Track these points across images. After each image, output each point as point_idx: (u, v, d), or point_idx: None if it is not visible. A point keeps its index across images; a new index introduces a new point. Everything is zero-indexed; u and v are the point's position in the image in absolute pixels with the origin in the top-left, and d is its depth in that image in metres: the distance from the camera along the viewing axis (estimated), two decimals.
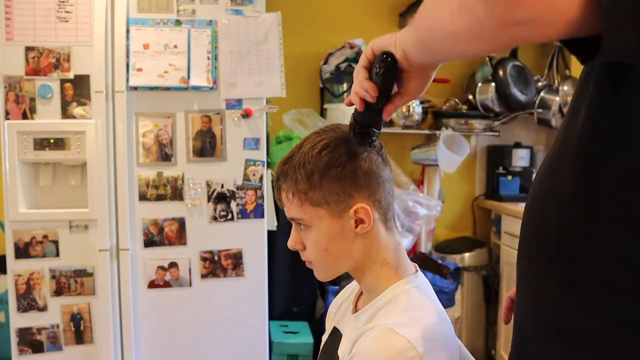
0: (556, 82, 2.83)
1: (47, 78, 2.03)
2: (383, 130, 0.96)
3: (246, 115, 2.11)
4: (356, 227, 0.92)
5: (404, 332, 0.84)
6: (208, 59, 2.08)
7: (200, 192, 2.11)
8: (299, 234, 0.97)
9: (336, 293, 2.32)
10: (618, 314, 0.55)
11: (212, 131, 2.11)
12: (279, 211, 2.37)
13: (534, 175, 2.88)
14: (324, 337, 1.10)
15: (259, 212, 2.15)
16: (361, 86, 0.84)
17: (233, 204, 2.13)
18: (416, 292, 0.92)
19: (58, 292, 2.07)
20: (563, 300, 0.60)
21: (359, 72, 0.85)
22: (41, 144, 2.03)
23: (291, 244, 0.99)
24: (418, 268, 0.99)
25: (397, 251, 0.97)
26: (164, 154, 2.09)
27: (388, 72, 0.82)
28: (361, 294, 1.03)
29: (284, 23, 2.14)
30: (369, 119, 0.89)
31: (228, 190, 2.12)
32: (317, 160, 0.90)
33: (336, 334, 1.03)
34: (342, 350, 0.96)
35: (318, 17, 2.86)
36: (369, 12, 2.90)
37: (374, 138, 0.91)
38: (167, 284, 2.12)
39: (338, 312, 1.08)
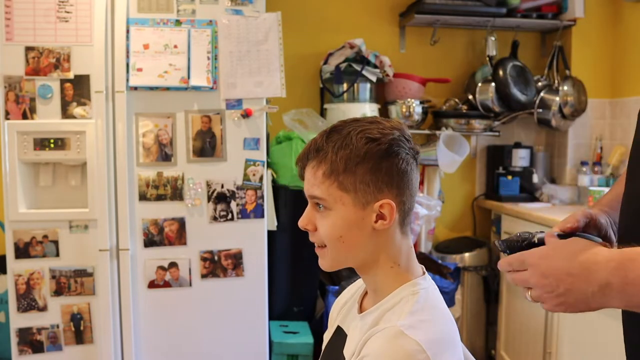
0: (556, 82, 2.83)
1: (47, 78, 2.02)
2: None
3: (246, 115, 2.11)
4: (376, 222, 0.91)
5: (414, 334, 0.84)
6: (208, 59, 2.08)
7: (200, 192, 2.11)
8: (313, 214, 0.95)
9: (336, 293, 2.32)
10: None
11: (212, 131, 2.11)
12: (279, 211, 2.38)
13: (534, 176, 2.89)
14: (326, 336, 1.10)
15: (259, 212, 2.15)
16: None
17: (233, 204, 2.13)
18: (424, 294, 0.92)
19: (58, 292, 2.07)
20: None
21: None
22: (41, 144, 2.03)
23: (303, 222, 0.95)
24: (425, 270, 0.99)
25: (409, 254, 0.97)
26: (164, 154, 2.09)
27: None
28: (366, 293, 1.03)
29: (284, 23, 2.14)
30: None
31: (228, 190, 2.12)
32: (359, 146, 0.90)
33: (340, 334, 1.03)
34: (348, 351, 0.96)
35: (318, 17, 2.86)
36: (369, 12, 2.90)
37: None
38: (167, 284, 2.12)
39: (342, 311, 1.08)
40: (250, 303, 2.17)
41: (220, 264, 2.14)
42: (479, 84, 2.79)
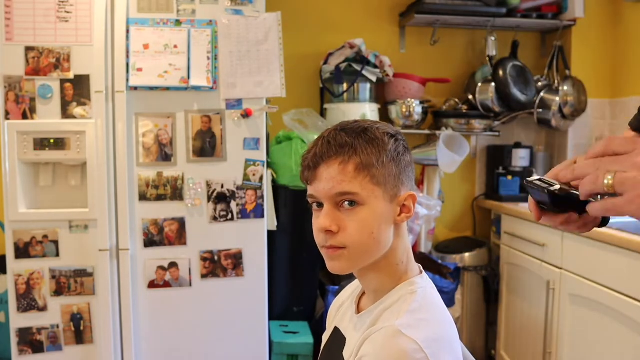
0: (556, 82, 2.83)
1: (47, 78, 2.03)
2: None
3: (246, 115, 2.11)
4: (399, 214, 0.93)
5: (412, 333, 0.84)
6: (208, 59, 2.08)
7: (200, 192, 2.11)
8: (337, 214, 0.90)
9: (336, 293, 2.32)
10: None
11: (212, 131, 2.11)
12: (279, 211, 2.38)
13: (534, 176, 2.88)
14: (325, 337, 1.10)
15: (259, 212, 2.15)
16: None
17: (233, 204, 2.13)
18: (422, 293, 0.92)
19: (58, 292, 2.07)
20: None
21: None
22: (41, 144, 2.03)
23: (328, 223, 0.89)
24: (422, 269, 1.00)
25: (409, 253, 0.98)
26: (164, 154, 2.09)
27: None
28: (363, 293, 1.03)
29: (284, 23, 2.14)
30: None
31: (228, 190, 2.12)
32: (385, 140, 0.92)
33: (338, 335, 1.03)
34: (347, 353, 0.96)
35: (318, 17, 2.86)
36: (369, 12, 2.90)
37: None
38: (167, 284, 2.12)
39: (339, 312, 1.08)
40: (250, 303, 2.17)
41: (220, 264, 2.14)
42: (479, 84, 2.79)
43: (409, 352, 0.82)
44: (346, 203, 0.90)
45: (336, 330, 1.05)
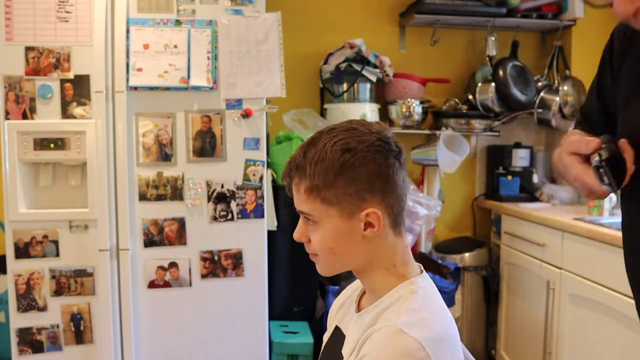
0: (556, 82, 2.83)
1: (47, 78, 2.02)
2: None
3: (246, 115, 2.11)
4: (365, 230, 0.92)
5: (413, 332, 0.84)
6: (208, 59, 2.08)
7: (200, 192, 2.11)
8: (306, 227, 0.96)
9: (336, 293, 2.32)
10: None
11: (212, 131, 2.11)
12: (279, 211, 2.38)
13: (534, 176, 2.89)
14: (325, 337, 1.10)
15: (259, 212, 2.15)
16: None
17: (233, 204, 2.13)
18: (422, 292, 0.92)
19: (58, 292, 2.07)
20: None
21: None
22: (41, 144, 2.03)
23: (297, 235, 0.98)
24: (423, 269, 0.99)
25: (404, 254, 0.97)
26: (164, 154, 2.09)
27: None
28: (364, 293, 1.03)
29: (284, 23, 2.14)
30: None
31: (228, 190, 2.12)
32: (334, 159, 0.89)
33: (338, 333, 1.03)
34: (346, 350, 0.96)
35: (318, 17, 2.86)
36: (369, 12, 2.90)
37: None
38: (167, 284, 2.12)
39: (340, 311, 1.08)
40: (250, 303, 2.17)
41: (220, 264, 2.14)
42: (479, 84, 2.79)
43: (410, 351, 0.82)
44: (307, 219, 0.95)
45: (337, 329, 1.05)
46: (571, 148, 0.98)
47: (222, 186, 2.12)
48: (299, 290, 2.53)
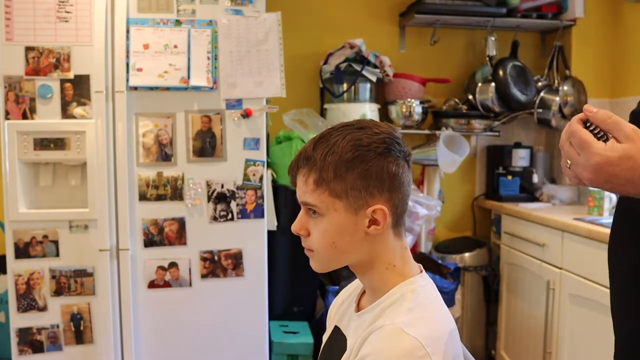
0: (556, 82, 2.83)
1: (47, 78, 2.02)
2: None
3: (246, 115, 2.11)
4: (369, 227, 0.92)
5: (413, 331, 0.84)
6: (208, 59, 2.08)
7: (200, 192, 2.11)
8: (306, 219, 0.96)
9: (336, 293, 2.32)
10: None
11: (212, 131, 2.11)
12: (279, 211, 2.38)
13: (534, 176, 2.89)
14: (325, 337, 1.10)
15: (259, 212, 2.15)
16: None
17: (233, 204, 2.13)
18: (422, 291, 0.93)
19: (58, 292, 2.07)
20: None
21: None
22: (41, 144, 2.03)
23: (296, 227, 0.97)
24: (423, 269, 1.00)
25: (403, 254, 0.97)
26: (164, 154, 2.09)
27: None
28: (364, 292, 1.03)
29: (284, 23, 2.14)
30: None
31: (228, 190, 2.12)
32: (347, 152, 0.90)
33: (337, 333, 1.03)
34: (347, 351, 0.96)
35: (318, 17, 2.86)
36: (369, 12, 2.90)
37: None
38: (167, 284, 2.12)
39: (339, 310, 1.08)
40: (250, 303, 2.17)
41: (220, 264, 2.14)
42: (479, 84, 2.79)
43: (410, 350, 0.82)
44: (311, 211, 0.95)
45: (336, 329, 1.05)
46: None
47: (222, 186, 2.12)
48: (299, 290, 2.53)
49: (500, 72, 2.74)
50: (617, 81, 2.85)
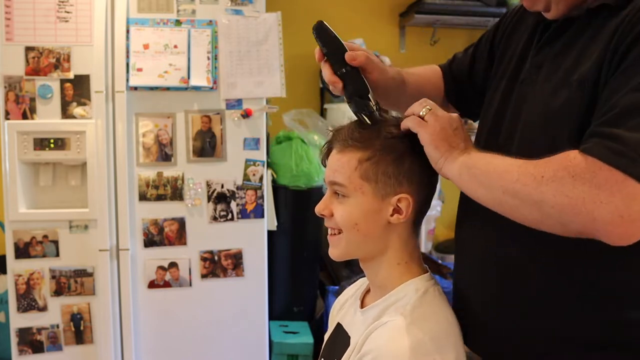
0: None
1: (47, 78, 2.02)
2: None
3: (246, 115, 2.11)
4: (392, 215, 0.92)
5: (417, 329, 0.84)
6: (208, 59, 2.08)
7: (200, 192, 2.11)
8: (331, 200, 0.95)
9: (336, 293, 2.32)
10: None
11: (212, 131, 2.11)
12: (279, 211, 2.38)
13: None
14: (327, 335, 1.10)
15: (259, 212, 2.15)
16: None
17: (233, 204, 2.13)
18: (427, 290, 0.93)
19: (58, 292, 2.07)
20: None
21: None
22: (41, 144, 2.03)
23: (320, 207, 0.96)
24: (428, 269, 1.00)
25: (415, 254, 0.98)
26: (164, 154, 2.10)
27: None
28: (368, 291, 1.03)
29: (284, 23, 2.14)
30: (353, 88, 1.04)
31: (228, 190, 2.12)
32: (388, 139, 0.92)
33: (340, 331, 1.03)
34: (350, 347, 0.96)
35: (318, 17, 2.83)
36: (369, 12, 2.90)
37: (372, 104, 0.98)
38: (167, 284, 2.12)
39: (342, 309, 1.08)
40: (250, 303, 2.17)
41: (220, 264, 2.14)
42: None
43: (414, 347, 0.82)
44: (337, 194, 0.95)
45: (338, 326, 1.05)
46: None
47: (222, 186, 2.12)
48: (299, 290, 2.53)
49: None
50: None
